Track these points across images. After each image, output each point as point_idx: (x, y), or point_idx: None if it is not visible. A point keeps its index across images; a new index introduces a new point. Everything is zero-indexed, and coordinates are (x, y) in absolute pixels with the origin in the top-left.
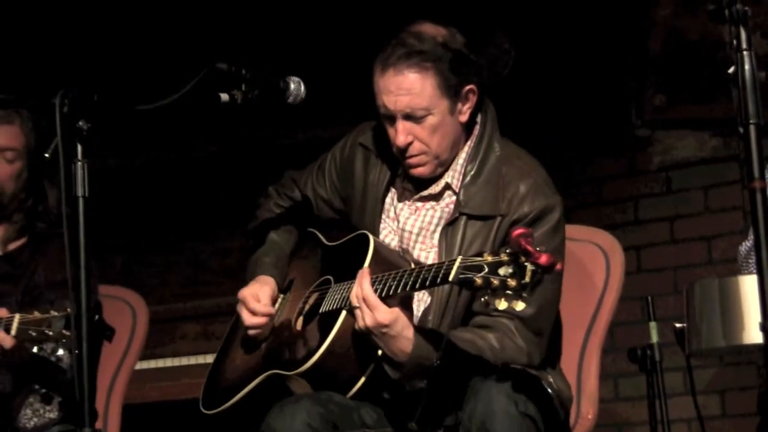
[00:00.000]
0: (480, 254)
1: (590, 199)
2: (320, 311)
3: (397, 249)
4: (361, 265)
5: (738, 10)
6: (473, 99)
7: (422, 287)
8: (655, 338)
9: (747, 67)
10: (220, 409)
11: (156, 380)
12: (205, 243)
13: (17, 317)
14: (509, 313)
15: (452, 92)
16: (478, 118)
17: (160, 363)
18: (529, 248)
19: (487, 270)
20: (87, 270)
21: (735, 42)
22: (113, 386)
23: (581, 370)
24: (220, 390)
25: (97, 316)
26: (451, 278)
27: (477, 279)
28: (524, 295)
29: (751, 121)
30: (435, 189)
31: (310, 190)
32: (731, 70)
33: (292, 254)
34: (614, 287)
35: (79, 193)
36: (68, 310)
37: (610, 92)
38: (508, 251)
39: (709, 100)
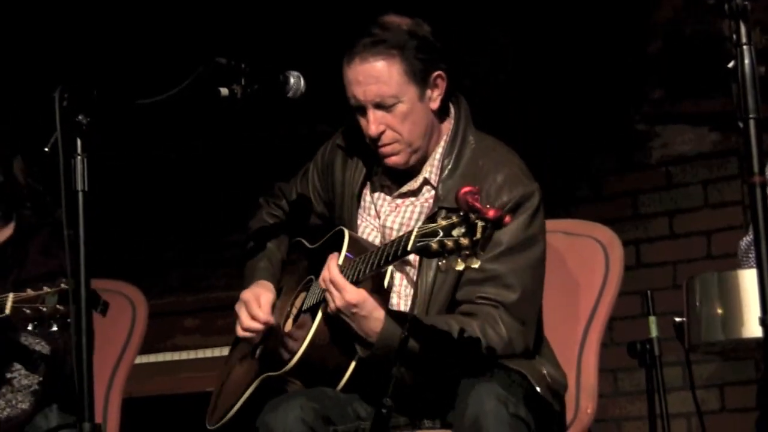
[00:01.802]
0: (434, 221)
1: (589, 194)
2: (302, 309)
3: (379, 245)
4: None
5: (738, 5)
6: (443, 85)
7: (387, 263)
8: (654, 333)
9: (747, 61)
10: (221, 422)
11: (156, 374)
12: (205, 237)
13: (11, 296)
14: (493, 300)
15: (419, 78)
16: (452, 113)
17: (160, 357)
18: (477, 204)
19: (441, 234)
20: (87, 265)
21: (735, 37)
22: (113, 380)
23: (580, 365)
24: (221, 403)
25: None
26: (409, 248)
27: (433, 244)
28: (478, 251)
29: (750, 116)
30: (414, 185)
31: (294, 198)
32: (731, 64)
33: (283, 262)
34: (613, 282)
35: (79, 187)
36: (61, 285)
37: (609, 87)
38: (459, 213)
39: (709, 94)
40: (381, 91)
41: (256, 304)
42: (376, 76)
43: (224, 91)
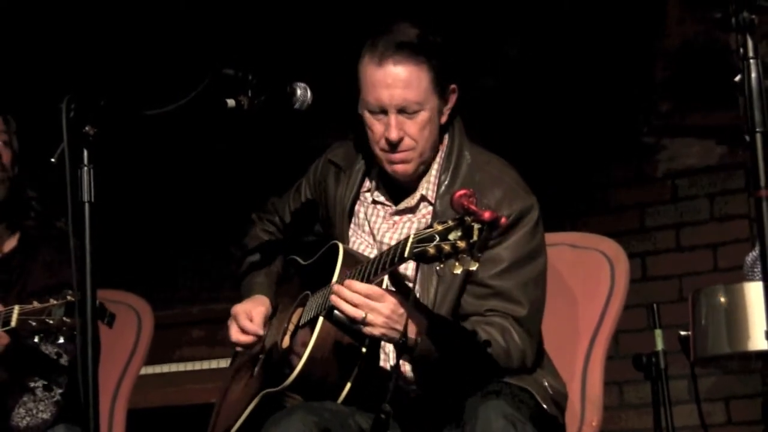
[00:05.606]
0: (430, 226)
1: (596, 206)
2: (300, 324)
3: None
4: (333, 272)
5: (744, 18)
6: (453, 99)
7: (384, 271)
8: (660, 346)
9: (753, 75)
10: None
11: (161, 386)
12: (212, 249)
13: (17, 308)
14: (503, 312)
15: (440, 90)
16: (446, 132)
17: (166, 368)
18: (472, 207)
19: (438, 239)
20: (93, 277)
21: (741, 50)
22: (118, 391)
23: (586, 377)
24: (221, 422)
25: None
26: (406, 254)
27: (429, 249)
28: (476, 254)
29: (757, 130)
30: (411, 202)
31: (288, 215)
32: (737, 78)
33: (278, 278)
34: (619, 295)
35: (85, 198)
36: (68, 297)
37: (616, 99)
38: (455, 216)
39: (716, 108)
40: (408, 96)
41: (245, 317)
42: (405, 80)
43: (231, 102)
